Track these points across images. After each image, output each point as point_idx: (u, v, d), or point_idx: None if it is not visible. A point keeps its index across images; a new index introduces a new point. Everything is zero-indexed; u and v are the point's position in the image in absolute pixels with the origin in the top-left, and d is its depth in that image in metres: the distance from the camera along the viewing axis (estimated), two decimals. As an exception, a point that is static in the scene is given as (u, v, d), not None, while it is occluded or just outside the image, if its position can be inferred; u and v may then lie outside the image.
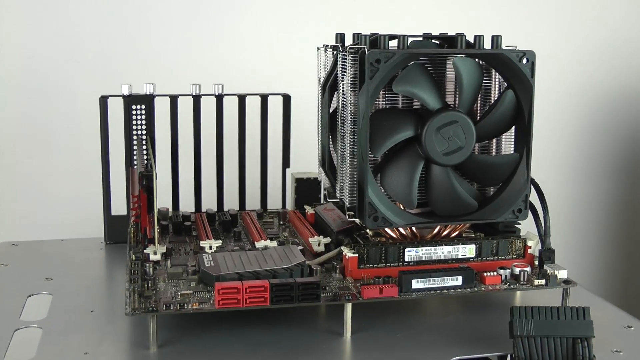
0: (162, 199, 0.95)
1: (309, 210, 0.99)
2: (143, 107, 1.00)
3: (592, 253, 1.59)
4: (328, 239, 0.88)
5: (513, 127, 0.82)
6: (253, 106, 1.05)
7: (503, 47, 0.80)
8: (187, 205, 1.04)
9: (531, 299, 0.84)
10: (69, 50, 1.28)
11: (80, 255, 0.98)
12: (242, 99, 1.04)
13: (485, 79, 0.81)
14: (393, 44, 0.78)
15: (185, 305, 0.71)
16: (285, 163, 1.07)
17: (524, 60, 0.78)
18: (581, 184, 1.56)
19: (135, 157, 1.00)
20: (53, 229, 1.29)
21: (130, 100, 1.00)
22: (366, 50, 0.75)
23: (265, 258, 0.79)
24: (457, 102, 0.81)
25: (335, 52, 0.84)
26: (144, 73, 1.28)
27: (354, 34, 0.86)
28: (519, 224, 0.86)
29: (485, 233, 0.87)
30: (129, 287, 0.73)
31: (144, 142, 1.00)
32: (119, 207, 1.03)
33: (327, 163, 0.87)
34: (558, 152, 1.54)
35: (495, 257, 0.82)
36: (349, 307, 0.74)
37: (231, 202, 1.06)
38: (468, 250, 0.81)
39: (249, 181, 1.07)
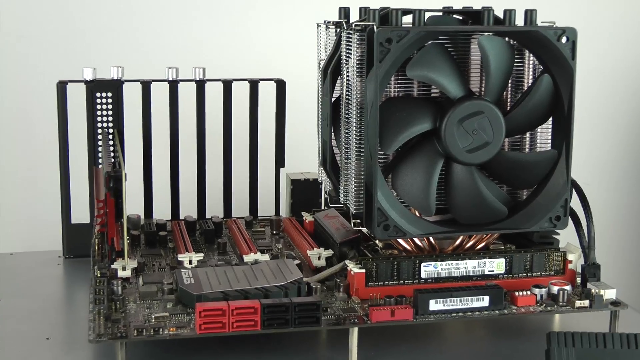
0: (133, 205, 0.96)
1: (308, 217, 1.00)
2: (109, 94, 1.01)
3: (647, 270, 1.60)
4: (330, 252, 0.89)
5: (550, 119, 0.83)
6: (241, 94, 1.05)
7: (538, 23, 0.81)
8: (162, 211, 1.05)
9: (572, 323, 0.85)
10: (21, 26, 1.28)
11: (33, 272, 0.99)
12: (227, 85, 1.05)
13: (517, 62, 0.82)
14: (407, 20, 0.79)
15: (161, 330, 0.72)
16: (279, 161, 1.08)
17: (564, 39, 0.79)
18: (632, 187, 1.57)
19: (100, 155, 1.00)
20: (1, 240, 1.29)
21: (93, 87, 1.00)
22: (375, 27, 0.76)
23: (256, 274, 0.79)
24: (483, 89, 0.82)
25: (338, 30, 0.85)
26: (111, 54, 1.28)
27: (360, 8, 0.86)
28: (558, 234, 0.87)
29: (517, 245, 0.88)
30: (93, 309, 0.74)
31: (110, 136, 1.01)
32: (81, 214, 1.03)
33: (329, 161, 0.88)
34: (604, 148, 1.54)
35: (529, 274, 0.83)
36: (354, 333, 0.75)
37: (215, 208, 1.07)
38: (496, 265, 0.82)
39: (236, 183, 1.07)
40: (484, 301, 0.77)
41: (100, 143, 1.00)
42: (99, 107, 1.01)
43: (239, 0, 1.35)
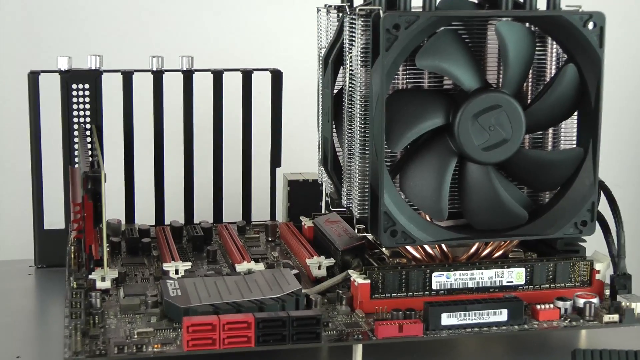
0: (113, 208, 0.96)
1: (306, 222, 1.00)
2: (87, 86, 1.01)
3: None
4: (331, 261, 0.89)
5: (575, 114, 0.83)
6: (232, 86, 1.06)
7: (562, 7, 0.82)
8: (145, 216, 1.05)
9: (600, 340, 0.85)
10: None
11: (2, 283, 0.99)
12: (217, 75, 1.05)
13: (539, 50, 0.83)
14: (417, 3, 0.79)
15: (144, 347, 0.72)
16: (275, 161, 1.08)
17: (590, 25, 0.79)
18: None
19: (76, 153, 1.01)
20: (-34, 248, 1.30)
21: (69, 77, 1.01)
22: (381, 12, 0.76)
23: (249, 285, 0.80)
24: (500, 80, 0.82)
25: (340, 15, 0.85)
26: (88, 42, 1.29)
27: (365, -9, 0.87)
28: (584, 240, 0.87)
29: (539, 253, 0.89)
30: (68, 324, 0.74)
31: (88, 132, 1.01)
32: (55, 218, 1.03)
33: (330, 161, 0.88)
34: (635, 145, 1.54)
35: (552, 285, 0.83)
36: (358, 350, 0.75)
37: (203, 212, 1.07)
38: (516, 276, 0.82)
39: (227, 184, 1.08)
40: (502, 315, 0.78)
41: (76, 140, 1.00)
42: (75, 100, 1.01)
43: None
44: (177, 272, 0.87)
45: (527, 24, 0.81)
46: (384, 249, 0.87)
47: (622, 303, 0.80)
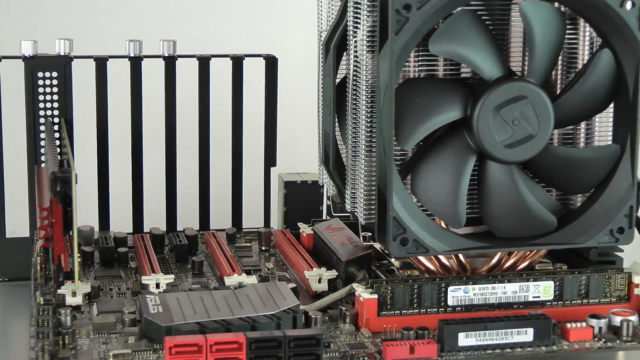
0: (86, 214, 0.96)
1: (305, 229, 1.01)
2: (55, 74, 1.01)
3: None
4: (333, 273, 0.90)
5: (611, 106, 0.84)
6: (221, 74, 1.06)
7: (596, -16, 0.82)
8: (121, 222, 1.06)
9: (639, 363, 0.86)
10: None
11: (-42, 299, 1.00)
12: (204, 62, 1.06)
13: (569, 33, 0.83)
14: (430, -19, 0.80)
15: (121, 370, 0.73)
16: (270, 159, 1.09)
17: (628, 5, 0.79)
18: None
19: (43, 151, 1.01)
20: None
21: (34, 64, 1.01)
22: (390, -10, 0.77)
23: (240, 301, 0.80)
24: (526, 68, 0.83)
25: (344, -7, 0.86)
26: (56, 24, 1.29)
27: (372, -34, 0.87)
28: (621, 250, 0.88)
29: (570, 264, 0.89)
30: (34, 345, 0.74)
31: (56, 127, 1.01)
32: (18, 225, 1.04)
33: (332, 159, 0.89)
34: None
35: (585, 301, 0.84)
36: (364, 374, 0.76)
37: (188, 218, 1.08)
38: (543, 290, 0.83)
39: (215, 186, 1.08)
40: (528, 335, 0.78)
41: (43, 136, 1.00)
42: (41, 90, 1.01)
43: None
44: (158, 286, 0.88)
45: (556, 4, 0.81)
46: (393, 260, 0.88)
47: (665, 322, 0.81)
